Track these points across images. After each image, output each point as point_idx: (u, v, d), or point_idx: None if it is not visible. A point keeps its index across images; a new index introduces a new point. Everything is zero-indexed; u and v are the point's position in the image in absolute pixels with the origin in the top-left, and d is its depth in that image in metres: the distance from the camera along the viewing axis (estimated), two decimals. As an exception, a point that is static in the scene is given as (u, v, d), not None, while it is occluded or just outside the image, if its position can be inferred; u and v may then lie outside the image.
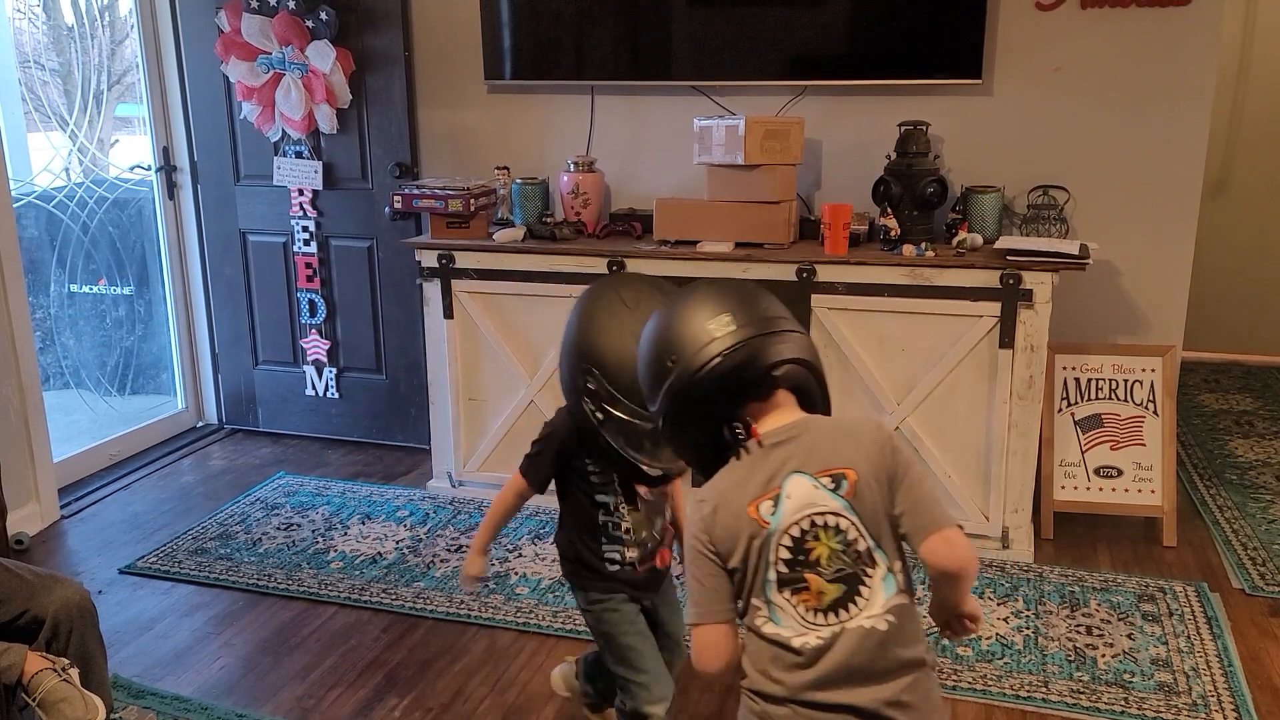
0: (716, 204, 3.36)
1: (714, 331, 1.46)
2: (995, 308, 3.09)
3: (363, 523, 3.56)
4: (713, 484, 1.50)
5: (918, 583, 1.53)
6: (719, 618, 1.47)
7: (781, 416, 1.50)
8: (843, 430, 1.48)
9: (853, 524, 1.41)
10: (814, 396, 1.54)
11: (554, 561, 3.26)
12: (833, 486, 1.42)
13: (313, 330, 4.28)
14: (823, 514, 1.41)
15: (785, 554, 1.41)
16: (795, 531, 1.41)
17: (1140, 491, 3.39)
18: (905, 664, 1.38)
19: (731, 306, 1.48)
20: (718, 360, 1.44)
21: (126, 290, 4.40)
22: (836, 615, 1.39)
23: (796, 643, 1.39)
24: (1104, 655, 2.71)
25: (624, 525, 2.08)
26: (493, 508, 2.22)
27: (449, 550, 3.35)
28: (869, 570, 1.40)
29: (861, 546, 1.41)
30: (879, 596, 1.40)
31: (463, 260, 3.55)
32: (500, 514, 2.22)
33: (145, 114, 4.27)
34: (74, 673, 1.92)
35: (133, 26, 4.21)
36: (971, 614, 1.47)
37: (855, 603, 1.39)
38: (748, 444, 1.47)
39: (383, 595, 3.07)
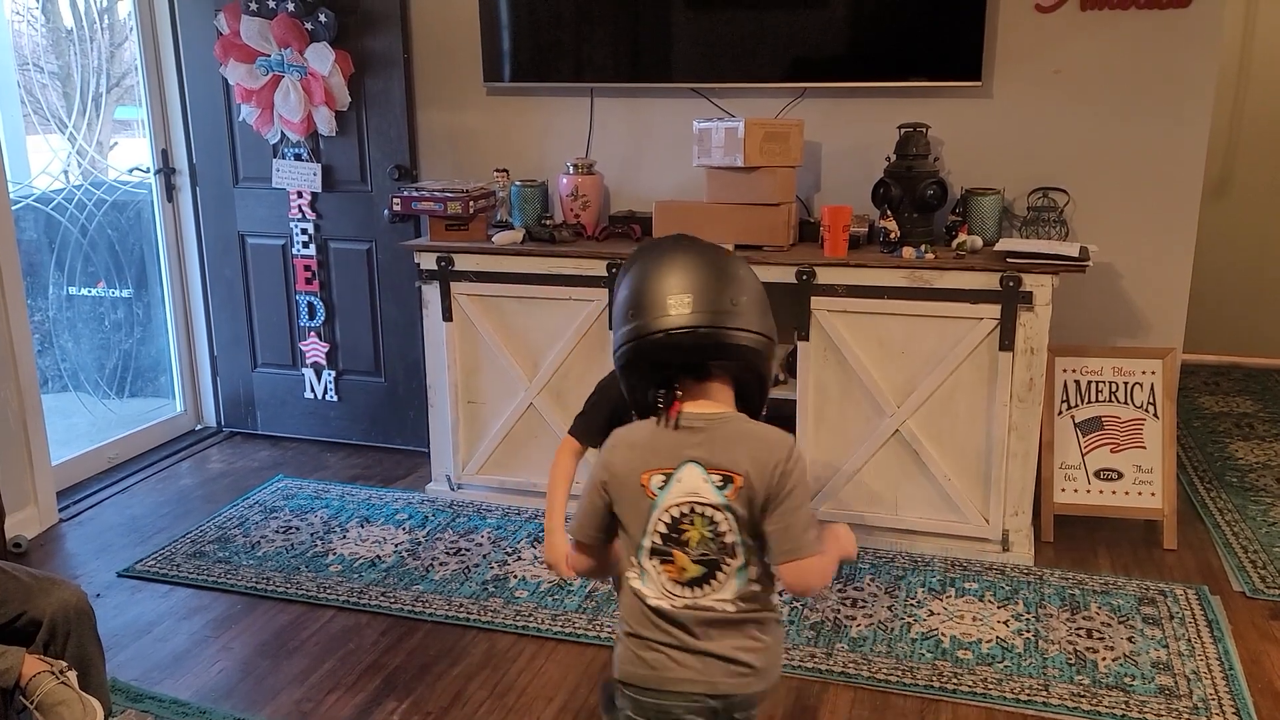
0: (716, 206, 3.35)
1: (671, 307, 1.54)
2: (995, 310, 3.09)
3: (361, 526, 3.56)
4: (624, 432, 1.65)
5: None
6: (584, 538, 1.67)
7: (707, 405, 1.60)
8: (750, 438, 1.57)
9: (726, 520, 1.55)
10: (751, 397, 1.64)
11: (553, 564, 3.25)
12: (720, 484, 1.55)
13: (311, 333, 4.27)
14: (703, 505, 1.56)
15: (662, 529, 1.57)
16: (675, 512, 1.56)
17: (1140, 494, 3.39)
18: (743, 638, 1.59)
19: (698, 288, 1.55)
20: (661, 336, 1.55)
21: (125, 293, 4.39)
22: (692, 591, 1.57)
23: (652, 603, 1.59)
24: (1104, 659, 2.71)
25: None
26: (551, 481, 2.19)
27: (448, 553, 3.34)
28: (730, 560, 1.57)
29: (729, 540, 1.56)
30: (731, 584, 1.57)
31: (462, 263, 3.55)
32: (561, 483, 2.19)
33: (144, 116, 4.27)
34: (72, 675, 1.91)
35: (132, 29, 4.21)
36: None
37: (710, 584, 1.57)
38: (664, 416, 1.59)
39: (381, 598, 3.06)
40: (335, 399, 4.32)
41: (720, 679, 1.58)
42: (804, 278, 3.21)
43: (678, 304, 1.54)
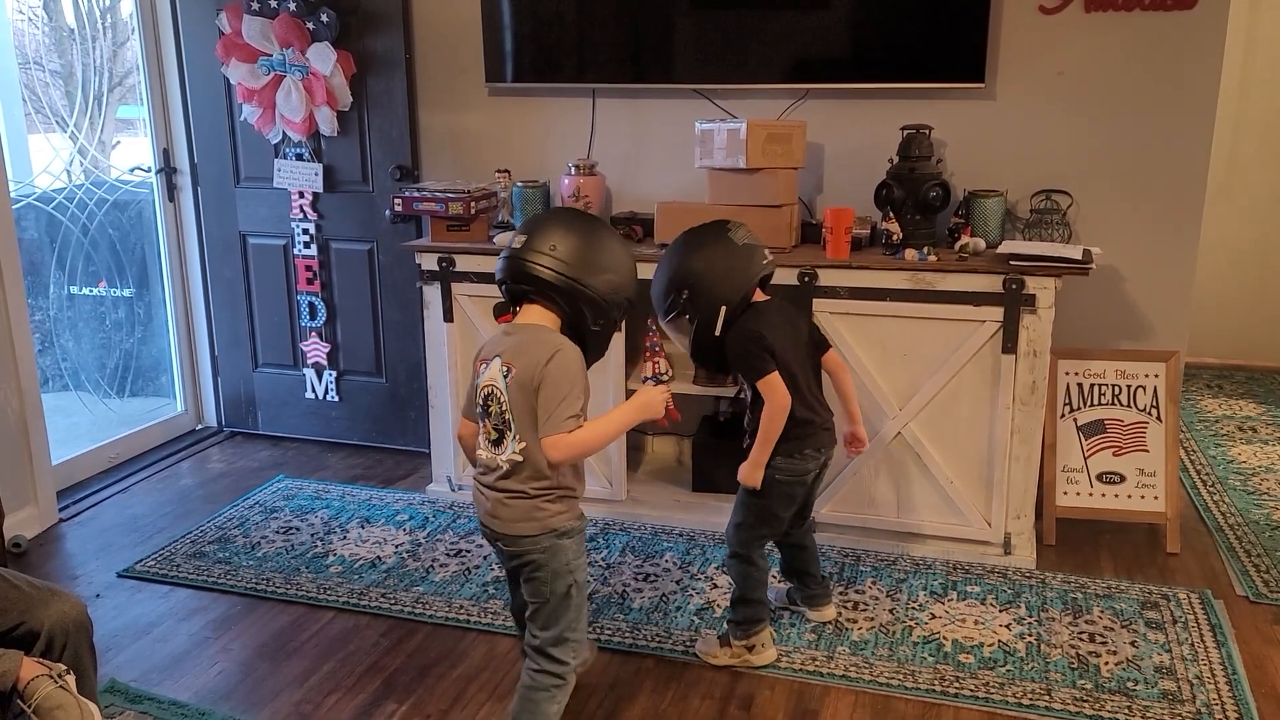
0: (718, 208, 3.33)
1: (511, 242, 2.19)
2: (998, 313, 3.08)
3: (362, 527, 3.55)
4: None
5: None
6: (464, 411, 2.31)
7: (522, 319, 2.20)
8: (533, 343, 2.12)
9: (505, 401, 2.12)
10: (580, 331, 2.19)
11: (554, 566, 3.25)
12: (505, 373, 2.12)
13: (313, 333, 4.27)
14: (496, 388, 2.14)
15: (480, 401, 2.18)
16: (485, 391, 2.17)
17: (1143, 498, 3.38)
18: (503, 488, 2.16)
19: (529, 233, 2.16)
20: (498, 260, 2.22)
21: (126, 292, 4.39)
22: (493, 449, 2.17)
23: (478, 454, 2.23)
24: (1107, 663, 2.70)
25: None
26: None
27: (448, 554, 3.34)
28: (508, 431, 2.14)
29: (507, 415, 2.13)
30: (509, 447, 2.14)
31: (463, 264, 3.54)
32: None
33: (146, 116, 4.27)
34: (70, 679, 1.90)
35: (134, 29, 4.21)
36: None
37: (501, 446, 2.16)
38: (498, 322, 2.28)
39: (382, 600, 3.06)
40: (336, 399, 4.31)
41: (488, 512, 2.18)
42: (806, 280, 3.20)
43: (515, 241, 2.16)
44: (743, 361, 2.57)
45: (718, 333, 2.55)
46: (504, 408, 2.11)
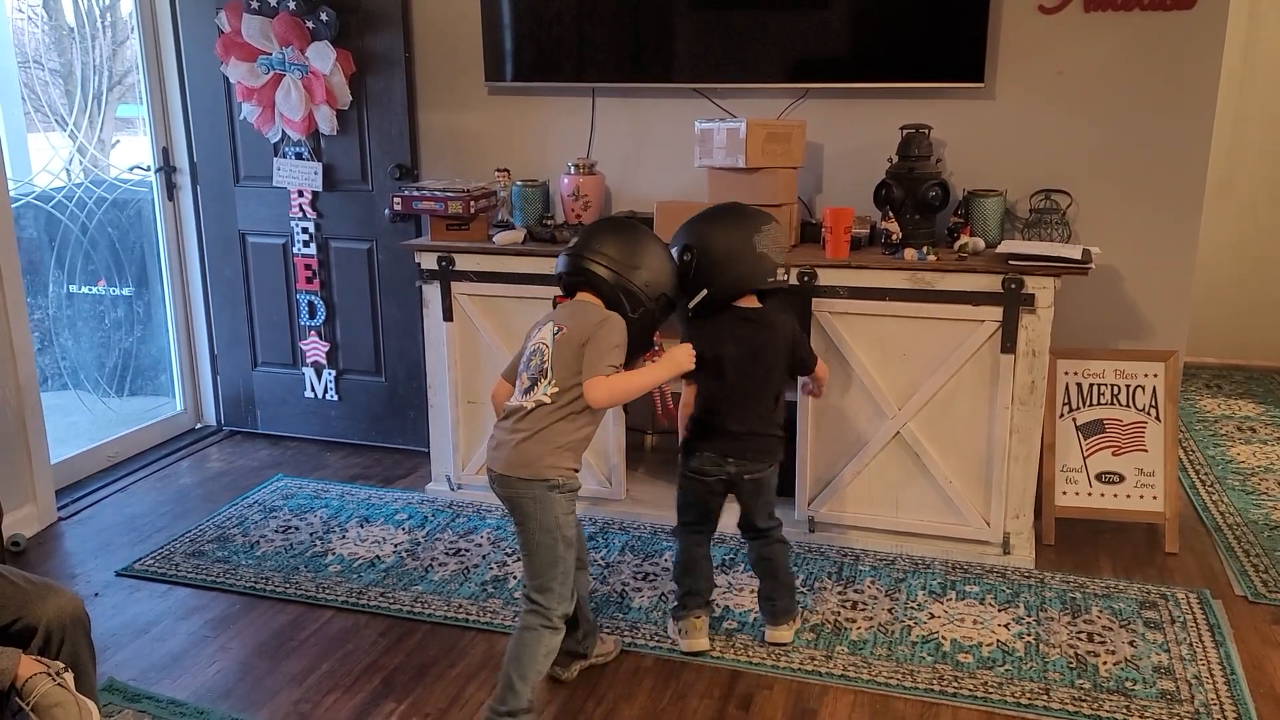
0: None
1: (567, 246, 2.57)
2: (997, 312, 3.08)
3: (361, 526, 3.55)
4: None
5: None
6: (504, 374, 2.55)
7: (576, 300, 2.49)
8: (583, 313, 2.42)
9: (549, 354, 2.37)
10: (611, 301, 2.45)
11: (553, 566, 3.25)
12: (555, 332, 2.39)
13: (312, 332, 4.26)
14: (544, 344, 2.39)
15: (525, 357, 2.44)
16: (533, 348, 2.42)
17: (1142, 497, 3.38)
18: (519, 431, 2.35)
19: (581, 238, 2.52)
20: (560, 260, 2.54)
21: (125, 291, 4.39)
22: (524, 395, 2.39)
23: (506, 404, 2.44)
24: (1105, 662, 2.70)
25: None
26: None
27: (447, 554, 3.34)
28: (543, 379, 2.36)
29: (546, 366, 2.37)
30: (538, 392, 2.35)
31: (462, 263, 3.54)
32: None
33: (145, 114, 4.26)
34: (69, 677, 1.90)
35: (133, 28, 4.20)
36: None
37: (532, 392, 2.37)
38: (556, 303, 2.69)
39: (381, 599, 3.06)
40: (335, 398, 4.31)
41: (495, 452, 2.38)
42: (805, 279, 3.20)
43: (573, 243, 2.53)
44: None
45: (690, 307, 2.65)
46: (545, 360, 2.36)
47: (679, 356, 2.50)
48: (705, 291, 2.62)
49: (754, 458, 2.68)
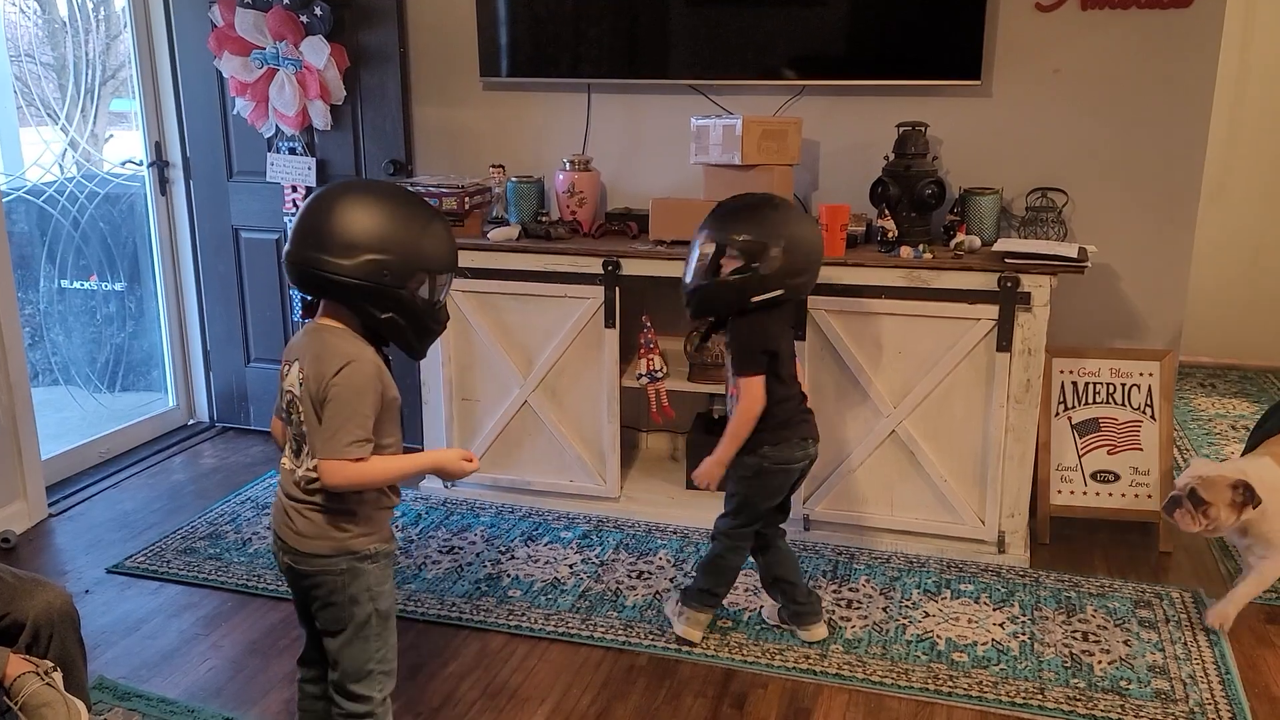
0: (713, 204, 3.32)
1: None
2: (993, 310, 3.07)
3: (354, 523, 3.53)
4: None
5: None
6: (276, 412, 2.08)
7: (325, 321, 1.93)
8: (325, 350, 1.88)
9: (302, 409, 1.91)
10: (372, 327, 1.94)
11: (546, 564, 3.24)
12: (300, 381, 1.90)
13: (305, 328, 4.24)
14: (295, 395, 1.93)
15: (284, 406, 1.98)
16: (288, 396, 1.96)
17: (1137, 496, 3.37)
18: (299, 499, 1.95)
19: (297, 223, 1.93)
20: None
21: (117, 286, 4.37)
22: (294, 458, 1.98)
23: (281, 460, 2.03)
24: (1100, 662, 2.69)
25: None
26: None
27: (440, 551, 3.32)
28: (304, 445, 1.94)
29: (304, 428, 1.92)
30: (306, 461, 1.93)
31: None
32: None
33: (138, 109, 4.24)
34: (57, 676, 1.88)
35: (126, 23, 4.18)
36: None
37: (301, 456, 1.95)
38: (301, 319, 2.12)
39: (373, 597, 3.04)
40: (329, 395, 4.29)
41: (280, 521, 1.98)
42: (801, 277, 3.19)
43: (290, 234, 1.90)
44: (743, 350, 2.58)
45: (753, 301, 2.53)
46: (301, 418, 1.91)
47: (447, 461, 2.02)
48: (778, 292, 2.53)
49: (817, 435, 2.74)
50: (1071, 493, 3.42)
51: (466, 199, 3.51)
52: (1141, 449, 3.39)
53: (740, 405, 2.58)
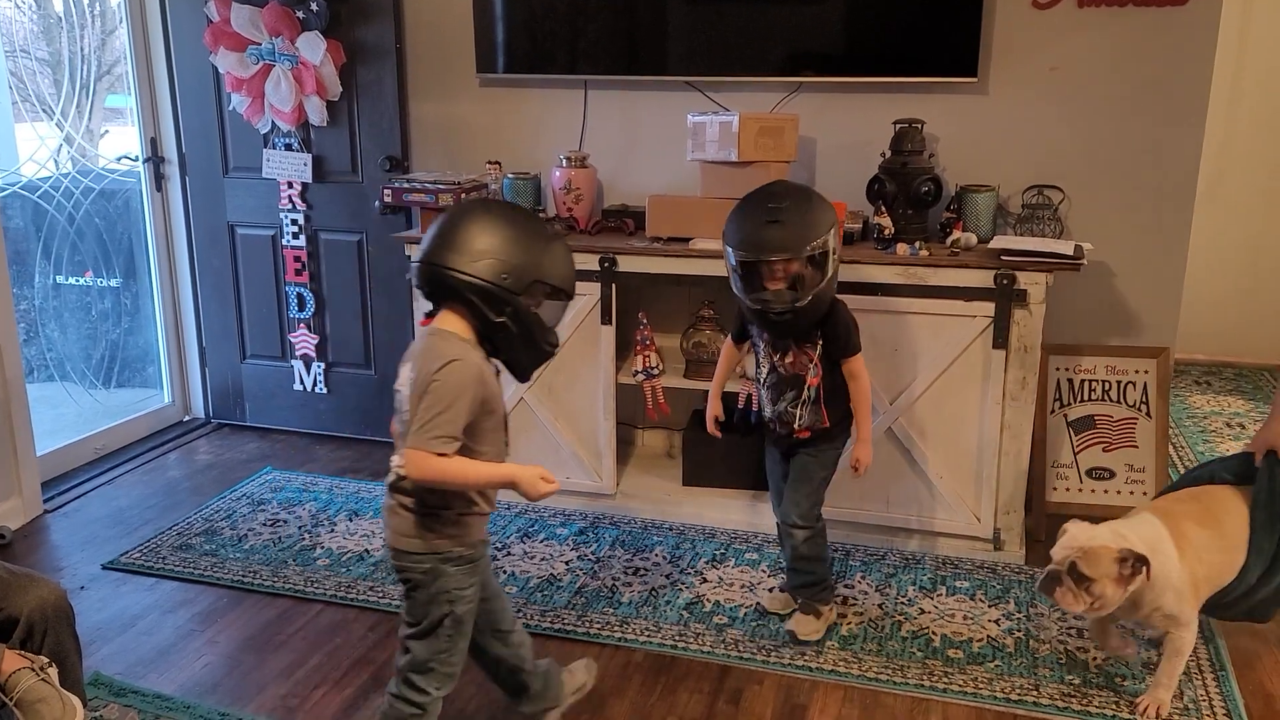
0: (710, 201, 3.32)
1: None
2: (989, 308, 3.07)
3: (350, 519, 3.53)
4: None
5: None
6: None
7: (439, 323, 2.03)
8: (429, 350, 1.97)
9: (405, 409, 1.99)
10: (489, 332, 2.02)
11: (542, 560, 3.24)
12: (411, 379, 1.98)
13: (301, 324, 4.24)
14: (402, 394, 2.01)
15: (397, 405, 2.03)
16: (398, 398, 2.02)
17: (1132, 493, 3.38)
18: (393, 497, 2.06)
19: (429, 236, 2.04)
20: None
21: (113, 282, 4.36)
22: (398, 457, 2.02)
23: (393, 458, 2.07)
24: (1095, 658, 2.70)
25: (762, 382, 2.77)
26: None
27: (437, 548, 3.32)
28: (401, 443, 2.00)
29: (407, 418, 1.97)
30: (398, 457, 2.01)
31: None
32: (719, 366, 2.95)
33: (133, 104, 4.23)
34: (52, 672, 1.88)
35: (122, 18, 4.17)
36: None
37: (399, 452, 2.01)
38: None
39: (370, 593, 3.04)
40: (325, 391, 4.29)
41: (385, 518, 2.08)
42: (797, 273, 3.19)
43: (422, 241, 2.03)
44: (849, 333, 2.68)
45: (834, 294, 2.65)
46: (405, 415, 1.99)
47: (529, 479, 1.98)
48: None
49: None
50: (1067, 490, 3.42)
51: (462, 195, 3.50)
52: (1137, 446, 3.39)
53: (863, 384, 2.71)
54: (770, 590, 3.02)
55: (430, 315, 2.05)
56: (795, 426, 2.72)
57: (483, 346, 2.02)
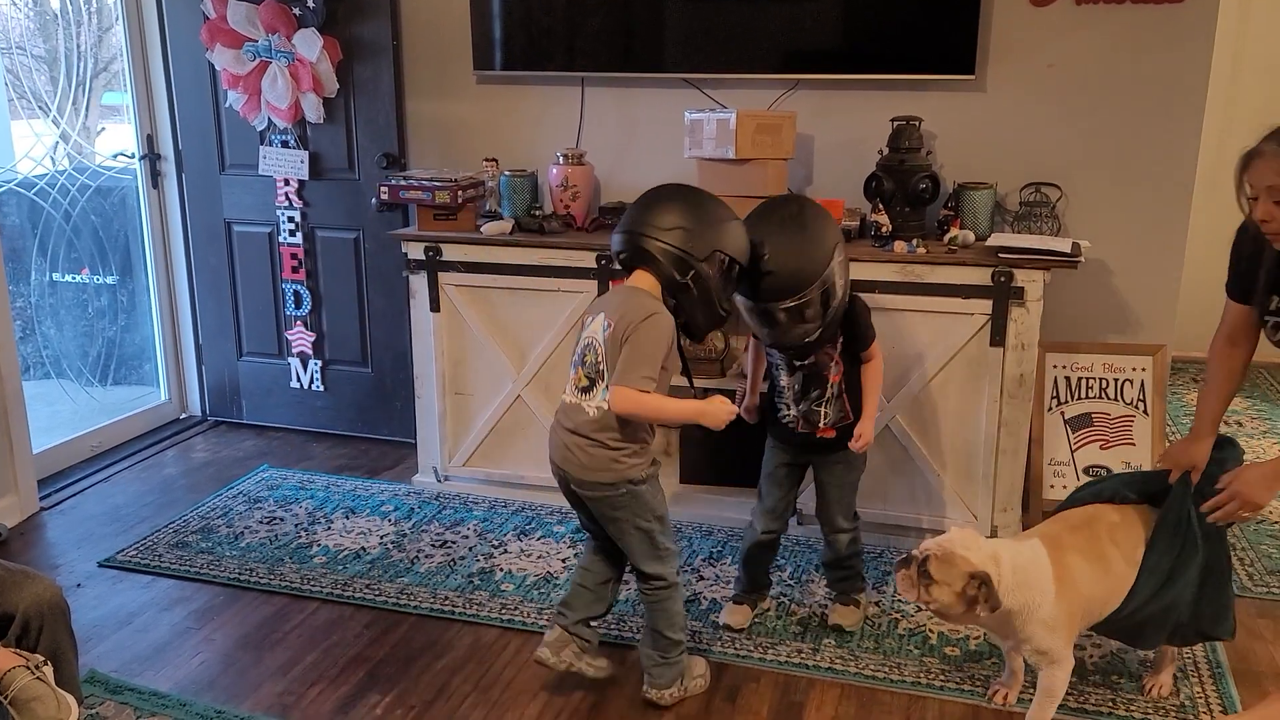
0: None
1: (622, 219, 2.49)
2: (986, 305, 3.07)
3: (347, 517, 3.53)
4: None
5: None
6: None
7: (632, 283, 2.39)
8: (632, 302, 2.31)
9: (602, 353, 2.32)
10: (678, 296, 2.37)
11: (539, 558, 3.23)
12: (605, 327, 2.32)
13: (298, 322, 4.24)
14: (596, 341, 2.34)
15: (578, 351, 2.39)
16: (584, 342, 2.37)
17: (1129, 491, 3.37)
18: (586, 435, 2.33)
19: (631, 212, 2.44)
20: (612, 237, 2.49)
21: (109, 279, 4.35)
22: (580, 395, 2.36)
23: (563, 398, 2.42)
24: (1091, 655, 2.70)
25: (780, 384, 2.74)
26: (748, 360, 2.96)
27: (434, 545, 3.32)
28: (600, 381, 2.33)
29: (602, 366, 2.32)
30: (598, 396, 2.33)
31: (450, 253, 3.52)
32: (752, 359, 2.90)
33: (130, 101, 4.22)
34: (48, 670, 1.88)
35: (118, 15, 4.16)
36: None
37: (590, 393, 2.34)
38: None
39: (366, 591, 3.04)
40: (321, 389, 4.28)
41: (565, 456, 2.37)
42: (795, 271, 3.18)
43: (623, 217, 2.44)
44: (868, 326, 2.71)
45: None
46: (600, 358, 2.32)
47: (713, 412, 2.35)
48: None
49: None
50: (1064, 487, 3.41)
51: (459, 192, 3.50)
52: (1134, 444, 3.39)
53: (878, 364, 2.74)
54: (728, 603, 2.91)
55: (617, 277, 2.51)
56: (820, 425, 2.69)
57: (665, 304, 2.35)
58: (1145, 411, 3.39)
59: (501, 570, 3.16)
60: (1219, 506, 2.27)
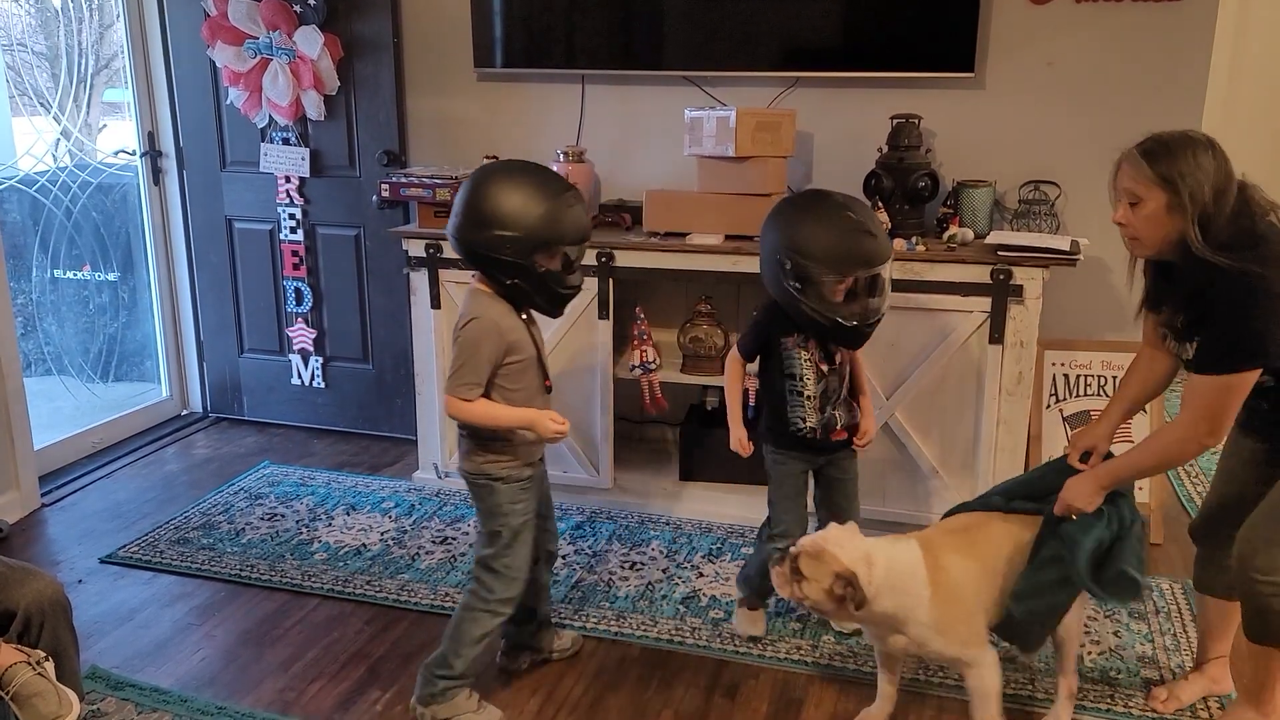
0: (707, 196, 3.33)
1: None
2: (985, 303, 3.08)
3: (347, 514, 3.54)
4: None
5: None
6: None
7: (474, 280, 2.32)
8: (465, 301, 2.27)
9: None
10: (495, 282, 2.26)
11: (539, 554, 3.24)
12: None
13: (299, 319, 4.24)
14: None
15: None
16: None
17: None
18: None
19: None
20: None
21: (111, 276, 4.36)
22: None
23: None
24: (1090, 653, 2.71)
25: (806, 393, 2.60)
26: (726, 387, 2.72)
27: (434, 542, 3.33)
28: None
29: None
30: None
31: (450, 250, 3.52)
32: (732, 386, 2.71)
33: (131, 98, 4.23)
34: (49, 666, 1.89)
35: (119, 14, 4.16)
36: None
37: None
38: None
39: (367, 587, 3.05)
40: (322, 385, 4.29)
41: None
42: (794, 269, 3.19)
43: None
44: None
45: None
46: None
47: (538, 421, 2.27)
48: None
49: None
50: (1063, 485, 3.42)
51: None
52: (1133, 442, 3.39)
53: (860, 359, 2.74)
54: (741, 610, 2.83)
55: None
56: (836, 428, 2.65)
57: (510, 299, 2.26)
58: (1143, 409, 3.39)
59: (501, 567, 3.17)
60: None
